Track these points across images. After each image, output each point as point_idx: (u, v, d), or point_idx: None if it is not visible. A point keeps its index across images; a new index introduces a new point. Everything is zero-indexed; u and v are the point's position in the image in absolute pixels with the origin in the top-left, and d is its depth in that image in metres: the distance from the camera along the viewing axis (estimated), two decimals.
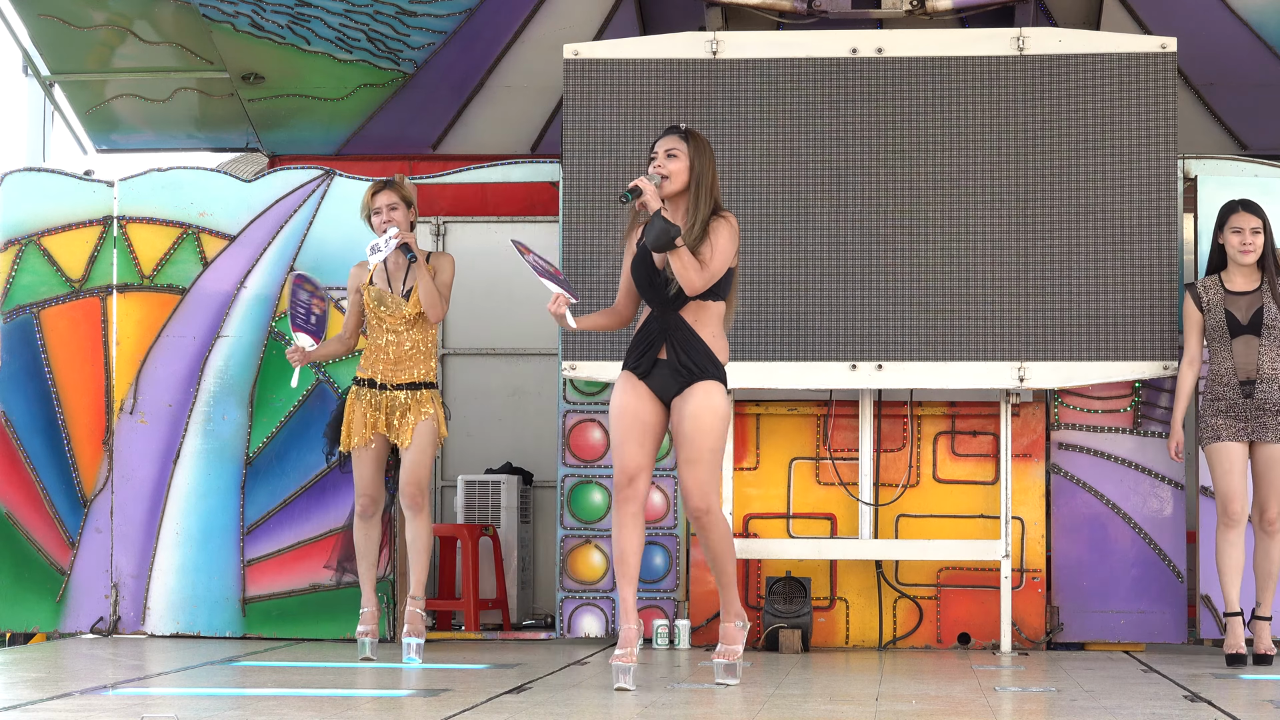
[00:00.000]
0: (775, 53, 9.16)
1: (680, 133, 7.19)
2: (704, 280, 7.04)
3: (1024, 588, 9.26)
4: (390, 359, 8.50)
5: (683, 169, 7.14)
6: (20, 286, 9.67)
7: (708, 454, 7.12)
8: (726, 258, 7.10)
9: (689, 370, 7.13)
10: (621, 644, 7.11)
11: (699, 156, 7.15)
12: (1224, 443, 8.35)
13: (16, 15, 11.01)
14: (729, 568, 7.26)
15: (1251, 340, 8.37)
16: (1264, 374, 8.35)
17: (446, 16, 10.64)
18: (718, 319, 7.19)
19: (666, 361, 7.17)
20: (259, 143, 11.54)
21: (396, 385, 8.48)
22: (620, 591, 7.21)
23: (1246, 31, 10.50)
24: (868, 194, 9.06)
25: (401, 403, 8.47)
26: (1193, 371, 8.55)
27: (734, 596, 7.34)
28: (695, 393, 7.12)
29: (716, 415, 7.12)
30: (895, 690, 7.11)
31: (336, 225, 9.55)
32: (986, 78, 9.06)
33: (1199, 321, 8.51)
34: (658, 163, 7.16)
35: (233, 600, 9.48)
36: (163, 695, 6.97)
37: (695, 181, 7.14)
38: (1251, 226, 8.39)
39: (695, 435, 7.10)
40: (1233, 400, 8.37)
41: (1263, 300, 8.40)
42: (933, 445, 9.40)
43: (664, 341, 7.16)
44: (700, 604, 9.36)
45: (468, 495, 10.25)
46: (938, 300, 9.04)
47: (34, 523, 9.57)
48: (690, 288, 7.03)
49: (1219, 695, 7.03)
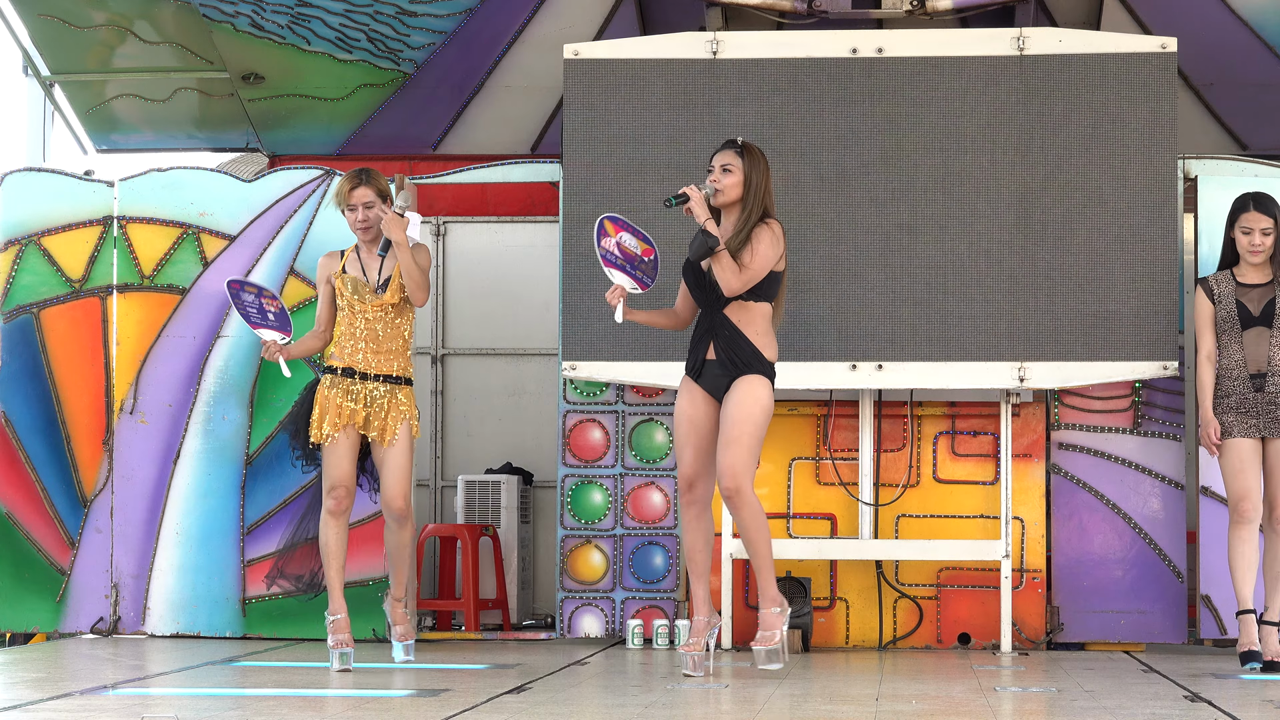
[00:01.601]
0: (775, 53, 9.16)
1: (736, 147, 7.58)
2: (741, 283, 7.43)
3: (1024, 588, 9.26)
4: (368, 348, 7.97)
5: (736, 183, 7.55)
6: (20, 286, 9.67)
7: (744, 437, 7.44)
8: (766, 261, 7.46)
9: (734, 365, 7.50)
10: (692, 633, 7.57)
11: (753, 170, 7.55)
12: (1235, 439, 8.20)
13: (16, 15, 11.01)
14: (762, 550, 7.53)
15: (1264, 332, 8.22)
16: (1275, 367, 8.18)
17: (446, 16, 10.64)
18: (764, 319, 7.54)
19: (715, 360, 7.54)
20: (259, 143, 11.54)
21: (375, 376, 7.97)
22: (691, 586, 7.62)
23: (1246, 31, 10.50)
24: (868, 194, 9.06)
25: (379, 397, 7.96)
26: (1211, 367, 8.28)
27: (768, 581, 7.56)
28: (739, 384, 7.49)
29: (757, 403, 7.47)
30: (895, 690, 7.11)
31: (337, 225, 9.53)
32: (986, 78, 9.06)
33: (1212, 315, 8.29)
34: (713, 176, 7.54)
35: (233, 600, 9.48)
36: (163, 695, 6.97)
37: (749, 193, 7.53)
38: (1262, 228, 8.18)
39: (733, 418, 7.45)
40: (1243, 395, 8.21)
41: (1275, 292, 8.22)
42: (933, 445, 9.40)
43: (711, 340, 7.54)
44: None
45: (468, 495, 10.25)
46: (938, 300, 9.04)
47: (34, 523, 9.57)
48: (728, 289, 7.43)
49: (1219, 695, 7.02)
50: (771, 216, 7.56)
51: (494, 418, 10.64)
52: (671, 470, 9.43)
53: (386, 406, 7.97)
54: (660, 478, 9.46)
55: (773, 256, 7.48)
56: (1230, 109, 10.95)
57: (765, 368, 7.52)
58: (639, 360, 9.16)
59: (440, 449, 10.59)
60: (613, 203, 9.14)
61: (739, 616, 9.25)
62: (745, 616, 9.27)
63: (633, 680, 7.50)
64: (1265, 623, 8.20)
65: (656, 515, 9.45)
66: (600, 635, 9.46)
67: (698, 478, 7.60)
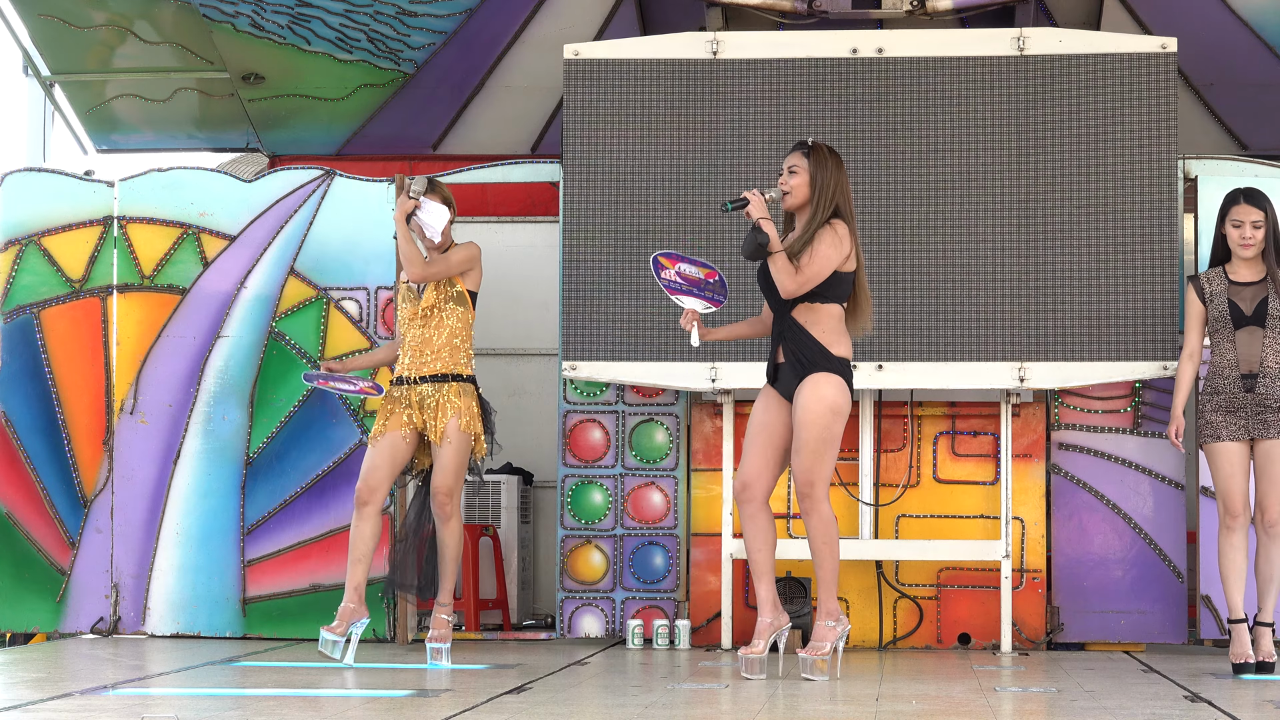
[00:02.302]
0: (775, 53, 9.17)
1: (805, 149, 7.54)
2: (797, 284, 7.38)
3: (1024, 588, 9.26)
4: (413, 353, 8.12)
5: (802, 184, 7.51)
6: (20, 286, 9.67)
7: (812, 442, 7.39)
8: (826, 262, 7.38)
9: (802, 365, 7.45)
10: (756, 634, 7.51)
11: (819, 170, 7.49)
12: (1224, 443, 8.11)
13: (16, 15, 11.01)
14: (825, 562, 7.50)
15: (1256, 332, 8.15)
16: (1267, 368, 8.11)
17: (446, 16, 10.64)
18: (833, 319, 7.49)
19: (785, 363, 7.51)
20: (259, 143, 11.54)
21: (420, 379, 8.10)
22: (754, 586, 7.57)
23: (1246, 31, 10.50)
24: (868, 194, 9.05)
25: (429, 396, 8.07)
26: (1192, 365, 8.27)
27: (829, 594, 7.52)
28: (805, 385, 7.44)
29: (823, 404, 7.41)
30: (895, 690, 7.11)
31: (337, 225, 9.56)
32: (987, 78, 9.06)
33: (1200, 313, 8.25)
34: (782, 178, 7.53)
35: (233, 600, 9.48)
36: (163, 695, 6.97)
37: (816, 194, 7.48)
38: (1252, 220, 8.11)
39: (800, 422, 7.42)
40: (1233, 394, 8.14)
41: (1267, 291, 8.15)
42: (933, 445, 9.40)
43: (780, 343, 7.52)
44: (700, 604, 9.36)
45: (468, 495, 10.25)
46: (938, 300, 9.04)
47: (34, 523, 9.57)
48: (783, 290, 7.39)
49: (1219, 695, 7.02)
50: (842, 216, 7.46)
51: None
52: (672, 470, 9.44)
53: (437, 401, 8.09)
54: (660, 478, 9.46)
55: (834, 257, 7.39)
56: (1230, 109, 10.95)
57: (833, 364, 7.43)
58: (639, 360, 9.16)
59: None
60: (613, 202, 9.15)
61: (739, 616, 9.25)
62: (745, 616, 9.27)
63: (633, 680, 7.50)
64: (1259, 623, 8.15)
65: (656, 515, 9.45)
66: (600, 635, 9.46)
67: (754, 479, 7.53)
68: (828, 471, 7.45)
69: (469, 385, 8.15)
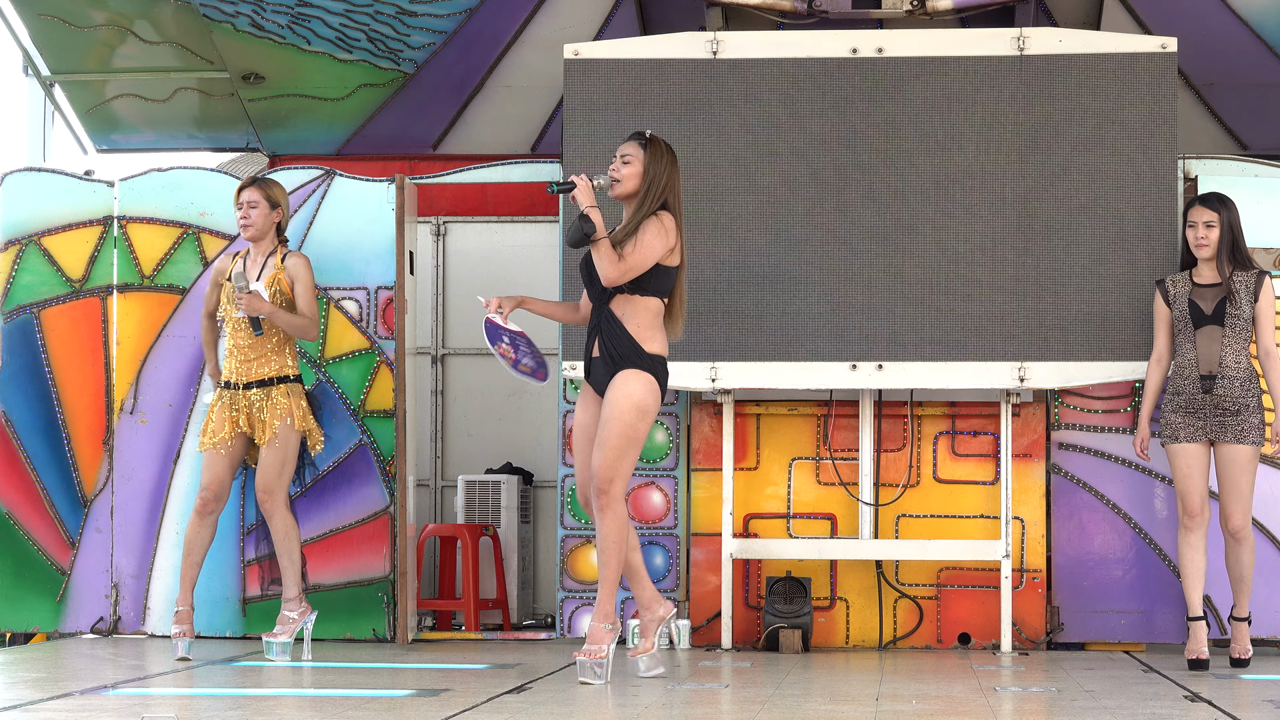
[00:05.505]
0: (775, 53, 9.16)
1: (641, 139, 7.48)
2: (619, 273, 7.30)
3: (1024, 588, 9.26)
4: (240, 358, 8.56)
5: (634, 174, 7.45)
6: (20, 286, 9.67)
7: (614, 439, 7.29)
8: (650, 251, 7.32)
9: (613, 360, 7.37)
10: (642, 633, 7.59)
11: (654, 163, 7.44)
12: (1182, 444, 8.28)
13: (16, 15, 11.01)
14: (611, 563, 7.32)
15: (1215, 331, 8.28)
16: (1225, 368, 8.23)
17: (446, 16, 10.64)
18: (650, 313, 7.39)
19: (599, 357, 7.44)
20: (259, 143, 11.54)
21: (248, 384, 8.53)
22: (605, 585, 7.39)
23: (1246, 31, 10.50)
24: (868, 194, 9.06)
25: (257, 401, 8.52)
26: (1160, 369, 8.47)
27: (607, 595, 7.34)
28: (616, 381, 7.35)
29: (629, 401, 7.30)
30: (895, 690, 7.11)
31: (336, 225, 9.55)
32: (986, 78, 9.06)
33: (1167, 317, 8.44)
34: (613, 166, 7.47)
35: (233, 600, 9.48)
36: (163, 695, 6.97)
37: (646, 186, 7.41)
38: (1205, 220, 8.30)
39: (603, 418, 7.34)
40: (1192, 395, 8.27)
41: (1228, 291, 8.31)
42: (933, 445, 9.40)
43: (596, 336, 7.44)
44: (700, 604, 9.36)
45: (468, 495, 10.25)
46: (938, 300, 9.04)
47: (34, 523, 9.57)
48: (605, 278, 7.32)
49: (1219, 695, 7.03)
50: (669, 210, 7.41)
51: (494, 418, 10.63)
52: (671, 470, 9.44)
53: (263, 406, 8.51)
54: (660, 478, 9.46)
55: (659, 247, 7.33)
56: (1230, 109, 10.95)
57: (644, 361, 7.34)
58: None
59: (440, 449, 10.59)
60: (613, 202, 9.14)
61: (739, 616, 9.26)
62: (745, 616, 9.28)
63: (633, 680, 7.50)
64: (1235, 619, 8.37)
65: (656, 515, 9.45)
66: None
67: (588, 483, 7.47)
68: (628, 470, 7.34)
69: (296, 385, 8.60)
